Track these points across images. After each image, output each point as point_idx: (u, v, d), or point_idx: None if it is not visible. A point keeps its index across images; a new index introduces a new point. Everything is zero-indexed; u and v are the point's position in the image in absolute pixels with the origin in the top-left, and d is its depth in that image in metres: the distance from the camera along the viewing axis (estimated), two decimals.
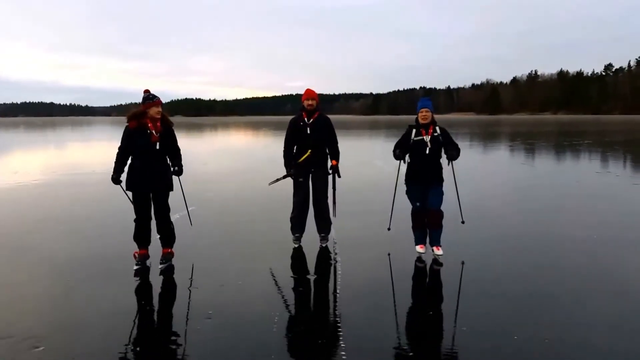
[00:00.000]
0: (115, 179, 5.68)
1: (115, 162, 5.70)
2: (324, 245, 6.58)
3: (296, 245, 6.58)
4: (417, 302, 4.95)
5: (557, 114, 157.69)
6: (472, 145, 28.69)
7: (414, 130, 6.07)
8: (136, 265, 5.73)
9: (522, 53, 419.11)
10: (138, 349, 3.91)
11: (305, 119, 6.40)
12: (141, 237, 5.79)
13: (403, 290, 5.19)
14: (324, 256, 6.25)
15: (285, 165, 6.51)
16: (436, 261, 5.95)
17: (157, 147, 5.61)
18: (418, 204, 6.14)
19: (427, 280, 5.61)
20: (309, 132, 6.35)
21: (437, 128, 6.03)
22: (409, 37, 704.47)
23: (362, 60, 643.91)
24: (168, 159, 5.84)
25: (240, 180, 13.58)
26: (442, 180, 6.08)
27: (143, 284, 5.33)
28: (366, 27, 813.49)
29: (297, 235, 6.63)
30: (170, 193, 5.88)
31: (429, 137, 5.96)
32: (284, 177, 6.58)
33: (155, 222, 5.82)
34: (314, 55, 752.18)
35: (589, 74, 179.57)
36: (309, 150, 6.33)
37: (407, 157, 6.15)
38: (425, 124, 6.01)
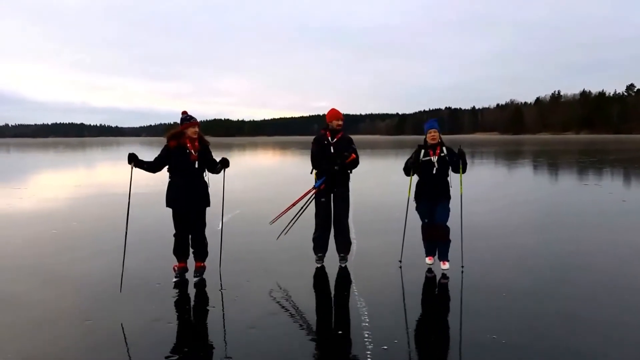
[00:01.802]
0: (132, 156, 5.65)
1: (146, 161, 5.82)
2: (343, 265, 6.52)
3: (319, 265, 6.54)
4: (429, 317, 5.02)
5: (579, 134, 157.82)
6: (498, 163, 29.88)
7: (422, 151, 6.35)
8: (175, 277, 5.95)
9: (546, 73, 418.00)
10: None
11: (329, 138, 6.40)
12: (180, 251, 6.02)
13: (415, 303, 5.37)
14: (344, 275, 6.24)
15: (326, 168, 6.33)
16: (444, 275, 6.11)
17: (196, 165, 5.86)
18: (426, 219, 6.38)
19: (435, 292, 5.79)
20: (332, 151, 6.34)
21: (444, 148, 6.29)
22: (435, 58, 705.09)
23: (388, 80, 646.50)
24: (206, 177, 6.05)
25: (266, 197, 13.77)
26: (449, 197, 6.32)
27: (180, 296, 5.53)
28: (392, 48, 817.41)
29: (319, 255, 6.59)
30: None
31: (436, 157, 6.23)
32: (327, 175, 6.32)
33: (191, 237, 6.03)
34: (340, 75, 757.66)
35: (611, 94, 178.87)
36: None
37: (415, 175, 6.41)
38: (433, 144, 6.31)
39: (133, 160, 5.65)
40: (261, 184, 18.26)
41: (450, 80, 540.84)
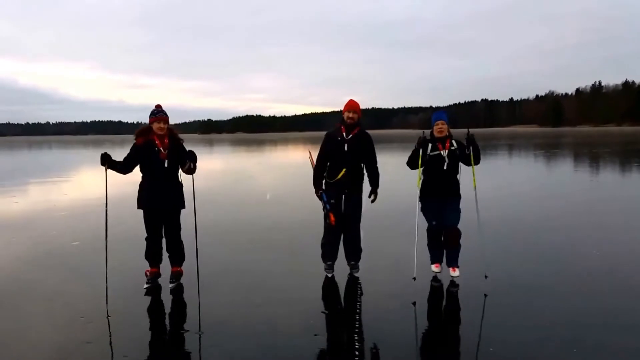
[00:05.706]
0: (105, 156, 5.26)
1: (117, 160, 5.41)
2: (355, 274, 5.95)
3: (329, 275, 5.94)
4: (435, 330, 4.68)
5: (621, 126, 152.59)
6: (537, 155, 29.07)
7: (430, 145, 5.76)
8: (147, 283, 5.59)
9: (586, 64, 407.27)
10: None
11: (344, 133, 5.75)
12: (152, 255, 5.66)
13: (427, 318, 4.90)
14: (353, 285, 5.71)
15: (315, 184, 5.89)
16: (453, 283, 5.62)
17: (166, 164, 5.44)
18: (434, 222, 5.77)
19: (443, 304, 5.28)
20: (346, 149, 5.71)
21: (454, 141, 5.75)
22: (470, 49, 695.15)
23: (421, 73, 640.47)
24: (180, 177, 5.64)
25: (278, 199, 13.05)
26: (459, 196, 5.76)
27: (153, 303, 5.21)
28: (426, 41, 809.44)
29: (329, 263, 5.97)
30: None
31: (447, 151, 5.68)
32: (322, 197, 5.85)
33: (165, 240, 5.69)
34: (373, 69, 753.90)
35: None
36: (344, 169, 5.71)
37: (421, 172, 5.80)
38: (441, 137, 5.76)
39: (106, 160, 5.26)
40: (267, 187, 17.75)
41: (487, 73, 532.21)
